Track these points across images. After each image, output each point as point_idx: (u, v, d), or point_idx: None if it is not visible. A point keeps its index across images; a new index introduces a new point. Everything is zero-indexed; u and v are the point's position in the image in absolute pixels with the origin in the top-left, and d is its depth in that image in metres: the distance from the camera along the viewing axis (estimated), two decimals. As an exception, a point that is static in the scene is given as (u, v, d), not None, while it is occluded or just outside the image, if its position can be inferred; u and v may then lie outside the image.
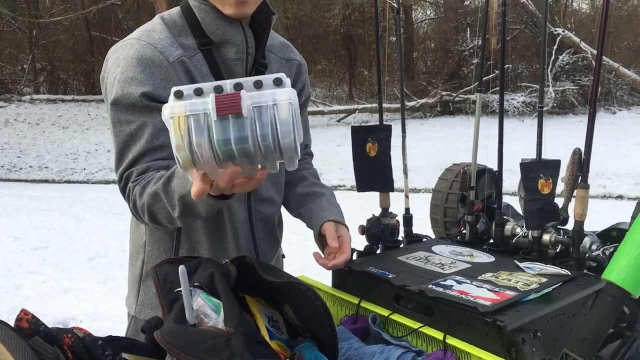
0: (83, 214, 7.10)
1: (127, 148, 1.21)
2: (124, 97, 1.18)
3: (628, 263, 1.01)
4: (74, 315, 3.88)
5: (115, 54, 1.23)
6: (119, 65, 1.20)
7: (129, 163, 1.21)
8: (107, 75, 1.23)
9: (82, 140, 12.95)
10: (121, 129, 1.20)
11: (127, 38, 1.25)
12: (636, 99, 13.27)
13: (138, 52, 1.20)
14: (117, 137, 1.21)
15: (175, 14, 1.30)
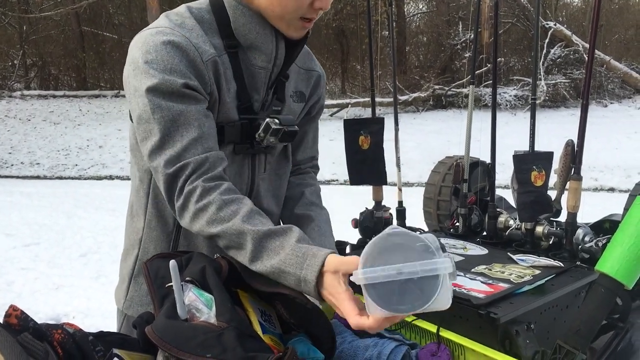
0: (75, 210, 7.06)
1: (174, 133, 1.12)
2: (164, 84, 1.10)
3: (621, 254, 1.01)
4: (66, 312, 3.87)
5: (143, 40, 1.14)
6: (152, 51, 1.11)
7: (180, 150, 1.11)
8: (133, 63, 1.14)
9: (74, 136, 12.88)
10: (162, 114, 1.11)
11: (158, 25, 1.16)
12: (627, 92, 13.32)
13: (174, 41, 1.12)
14: (158, 123, 1.11)
15: (203, 9, 1.23)
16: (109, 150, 11.91)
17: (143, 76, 1.11)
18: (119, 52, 18.54)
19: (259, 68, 1.25)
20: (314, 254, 0.98)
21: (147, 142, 1.13)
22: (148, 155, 1.14)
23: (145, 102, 1.11)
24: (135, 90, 1.13)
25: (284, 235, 1.04)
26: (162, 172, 1.11)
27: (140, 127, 1.14)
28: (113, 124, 13.64)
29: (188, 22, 1.18)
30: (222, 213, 1.07)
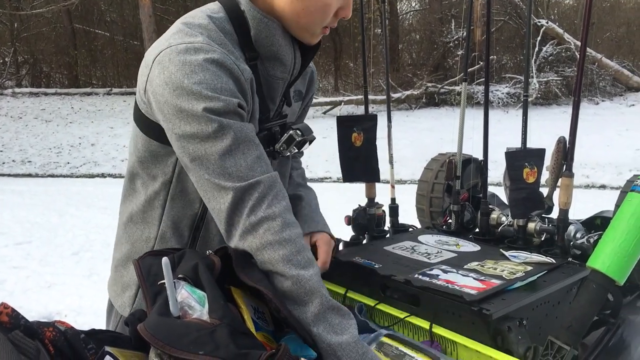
0: (67, 208, 7.03)
1: (236, 151, 1.07)
2: (221, 104, 1.06)
3: (612, 250, 1.01)
4: (59, 310, 3.85)
5: (181, 58, 1.07)
6: (198, 71, 1.06)
7: (246, 168, 1.07)
8: (178, 82, 1.06)
9: (66, 134, 12.82)
10: (223, 132, 1.06)
11: (191, 41, 1.09)
12: (619, 89, 13.39)
13: (217, 60, 1.08)
14: (220, 141, 1.06)
15: (223, 19, 1.18)
16: (101, 148, 11.86)
17: (194, 97, 1.05)
18: (111, 50, 18.48)
19: (278, 79, 1.24)
20: (372, 358, 1.00)
21: (204, 162, 1.07)
22: (208, 175, 1.08)
23: (202, 121, 1.06)
24: (180, 110, 1.06)
25: (346, 318, 1.04)
26: (227, 189, 1.06)
27: (192, 146, 1.08)
28: (105, 121, 13.58)
29: (215, 35, 1.14)
30: (300, 257, 1.05)
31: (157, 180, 1.24)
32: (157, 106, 1.11)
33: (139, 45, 17.02)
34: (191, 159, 1.09)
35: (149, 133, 1.20)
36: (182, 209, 1.24)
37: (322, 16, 1.18)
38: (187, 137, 1.08)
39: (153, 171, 1.24)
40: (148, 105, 1.15)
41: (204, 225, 1.27)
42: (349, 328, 1.02)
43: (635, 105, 12.50)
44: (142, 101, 1.18)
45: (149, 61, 1.14)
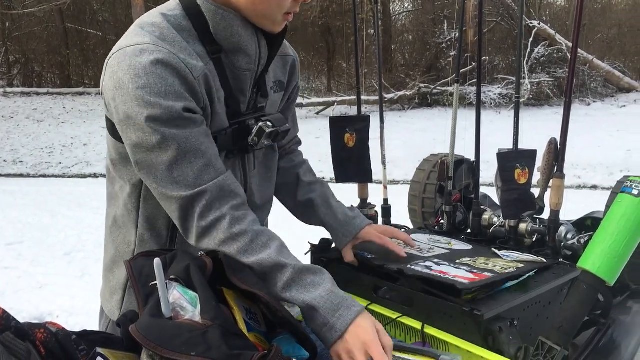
0: (59, 208, 7.00)
1: (182, 161, 1.09)
2: (163, 112, 1.05)
3: (602, 251, 1.02)
4: (50, 311, 3.83)
5: (128, 62, 1.06)
6: (142, 75, 1.05)
7: (193, 178, 1.09)
8: (121, 87, 1.07)
9: (58, 134, 12.76)
10: (167, 144, 1.07)
11: (139, 42, 1.08)
12: (610, 90, 13.46)
13: (162, 60, 1.06)
14: (164, 153, 1.07)
15: (179, 16, 1.16)
16: (93, 148, 11.81)
17: (137, 104, 1.05)
18: (104, 49, 18.37)
19: (244, 70, 1.22)
20: (348, 306, 1.05)
21: (152, 171, 1.10)
22: (154, 185, 1.11)
23: (145, 131, 1.06)
24: (127, 117, 1.07)
25: (318, 275, 1.09)
26: (175, 199, 1.09)
27: (139, 155, 1.10)
28: (97, 121, 13.52)
29: (167, 33, 1.12)
30: (254, 245, 1.09)
31: (128, 183, 1.23)
32: (110, 110, 1.13)
33: (131, 45, 16.89)
34: (139, 167, 1.12)
35: (115, 136, 1.19)
36: (156, 209, 1.22)
37: (279, 2, 1.15)
38: (134, 146, 1.10)
39: (124, 174, 1.23)
40: (107, 110, 1.16)
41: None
42: (322, 283, 1.07)
43: (626, 106, 12.57)
44: (104, 103, 1.18)
45: (105, 66, 1.13)
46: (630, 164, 8.56)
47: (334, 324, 1.03)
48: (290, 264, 1.08)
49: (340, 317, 1.03)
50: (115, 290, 1.32)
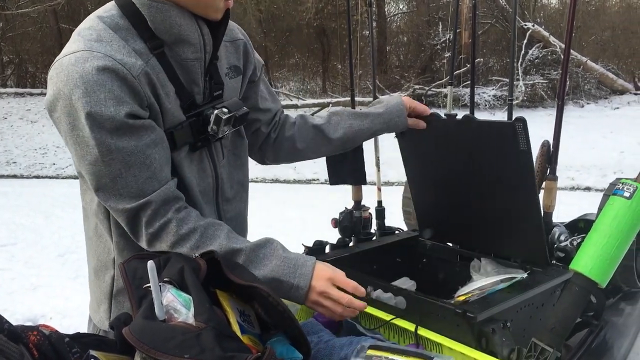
0: (53, 209, 6.97)
1: (127, 174, 1.09)
2: (106, 122, 1.05)
3: (594, 253, 1.02)
4: (44, 312, 3.82)
5: (65, 72, 1.05)
6: (80, 84, 1.04)
7: (136, 190, 1.11)
8: (61, 98, 1.06)
9: (52, 134, 12.70)
10: (111, 157, 1.07)
11: (74, 50, 1.07)
12: (603, 92, 13.51)
13: (98, 66, 1.04)
14: (108, 166, 1.08)
15: (115, 15, 1.14)
16: (87, 149, 11.77)
17: (79, 115, 1.05)
18: (98, 50, 18.32)
19: (191, 60, 1.19)
20: (302, 264, 1.15)
21: (97, 182, 1.10)
22: (101, 196, 1.12)
23: (89, 144, 1.07)
24: (72, 128, 1.07)
25: (268, 246, 1.17)
26: (121, 211, 1.12)
27: (84, 167, 1.10)
28: (91, 122, 13.48)
29: (104, 34, 1.10)
30: (204, 239, 1.14)
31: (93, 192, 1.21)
32: (53, 120, 1.12)
33: (126, 45, 16.88)
34: (88, 178, 1.12)
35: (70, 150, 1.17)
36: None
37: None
38: (79, 158, 1.10)
39: (85, 182, 1.21)
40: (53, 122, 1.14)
41: None
42: (274, 252, 1.16)
43: (619, 108, 12.63)
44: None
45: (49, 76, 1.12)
46: (623, 165, 8.60)
47: (297, 284, 1.14)
48: (242, 247, 1.15)
49: (301, 275, 1.14)
50: (102, 300, 1.31)
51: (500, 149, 1.37)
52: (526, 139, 1.31)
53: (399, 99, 1.51)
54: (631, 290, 1.55)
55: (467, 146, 1.47)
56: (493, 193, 1.46)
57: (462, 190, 1.56)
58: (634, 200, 1.02)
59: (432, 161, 1.62)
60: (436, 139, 1.55)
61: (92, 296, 1.36)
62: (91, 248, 1.32)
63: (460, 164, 1.52)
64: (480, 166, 1.46)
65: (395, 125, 1.51)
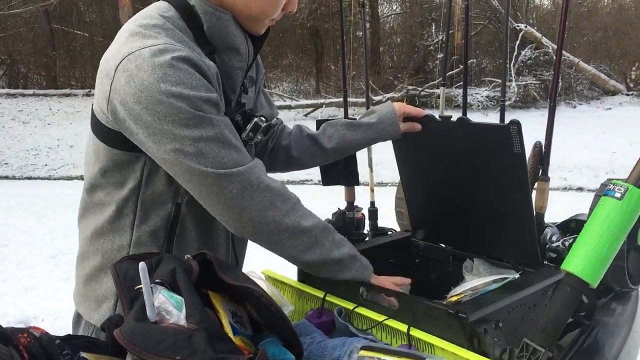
0: (45, 210, 6.94)
1: (229, 139, 1.15)
2: (203, 100, 1.09)
3: (586, 254, 1.03)
4: (36, 314, 3.80)
5: (151, 63, 1.07)
6: (169, 73, 1.06)
7: (241, 154, 1.16)
8: (151, 87, 1.06)
9: (44, 135, 12.64)
10: (214, 126, 1.12)
11: (152, 44, 1.09)
12: (596, 93, 13.57)
13: (185, 57, 1.09)
14: (213, 139, 1.11)
15: (174, 17, 1.17)
16: (80, 150, 11.71)
17: (175, 99, 1.06)
18: (91, 51, 18.26)
19: (236, 69, 1.25)
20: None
21: (202, 159, 1.11)
22: (212, 167, 1.11)
23: (190, 120, 1.08)
24: (166, 116, 1.07)
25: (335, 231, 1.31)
26: (235, 173, 1.13)
27: (185, 147, 1.10)
28: (84, 123, 13.40)
29: (172, 34, 1.14)
30: (307, 211, 1.25)
31: (124, 188, 1.23)
32: (129, 115, 1.10)
33: (118, 46, 16.80)
34: (186, 158, 1.10)
35: (112, 143, 1.19)
36: (154, 211, 1.24)
37: (273, 8, 1.22)
38: (180, 139, 1.09)
39: (118, 179, 1.23)
40: (112, 116, 1.14)
41: (178, 223, 1.26)
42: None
43: (611, 108, 12.69)
44: (103, 113, 1.16)
45: (109, 70, 1.12)
46: (615, 166, 8.64)
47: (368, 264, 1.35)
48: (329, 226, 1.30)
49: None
50: (105, 297, 1.30)
51: (493, 151, 1.37)
52: (520, 142, 1.31)
53: (390, 107, 1.52)
54: (622, 290, 1.56)
55: (461, 148, 1.47)
56: (486, 194, 1.46)
57: (455, 191, 1.57)
58: (625, 201, 1.02)
59: (426, 162, 1.63)
60: (430, 141, 1.55)
61: (88, 296, 1.34)
62: (91, 247, 1.31)
63: (454, 165, 1.52)
64: (474, 167, 1.46)
65: (388, 134, 1.52)
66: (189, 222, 1.28)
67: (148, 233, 1.25)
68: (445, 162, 1.55)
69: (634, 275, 1.52)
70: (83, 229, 1.34)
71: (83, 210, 1.34)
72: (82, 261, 1.35)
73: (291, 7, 1.27)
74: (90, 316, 1.34)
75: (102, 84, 1.14)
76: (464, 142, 1.46)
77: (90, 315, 1.34)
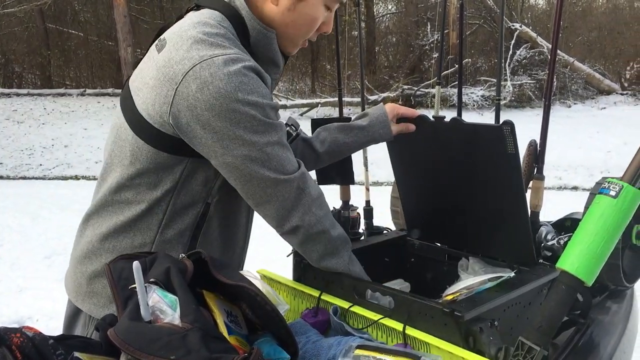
0: (39, 211, 6.92)
1: (288, 148, 1.23)
2: (272, 109, 1.19)
3: (581, 252, 1.03)
4: (30, 314, 3.79)
5: (224, 70, 1.11)
6: (245, 82, 1.13)
7: (295, 162, 1.24)
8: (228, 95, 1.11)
9: (38, 135, 12.60)
10: (278, 134, 1.20)
11: (224, 53, 1.14)
12: (590, 92, 13.62)
13: (254, 67, 1.17)
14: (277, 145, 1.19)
15: (230, 27, 1.23)
16: (74, 149, 11.69)
17: (250, 107, 1.13)
18: (85, 50, 18.23)
19: (272, 79, 1.31)
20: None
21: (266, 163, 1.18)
22: (271, 171, 1.18)
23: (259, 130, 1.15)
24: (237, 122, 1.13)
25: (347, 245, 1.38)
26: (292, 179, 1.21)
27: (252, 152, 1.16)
28: (79, 122, 13.38)
29: (234, 44, 1.20)
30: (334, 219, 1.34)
31: (158, 189, 1.25)
32: (197, 120, 1.13)
33: (113, 45, 16.80)
34: (253, 162, 1.16)
35: (159, 146, 1.21)
36: (184, 210, 1.27)
37: (308, 29, 1.28)
38: (249, 144, 1.15)
39: (154, 180, 1.24)
40: (173, 120, 1.16)
41: (205, 223, 1.30)
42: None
43: (606, 108, 12.74)
44: (160, 116, 1.17)
45: (173, 75, 1.14)
46: (610, 165, 8.67)
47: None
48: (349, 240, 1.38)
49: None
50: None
51: (488, 150, 1.37)
52: (514, 142, 1.31)
53: (382, 110, 1.53)
54: (617, 289, 1.56)
55: (455, 148, 1.47)
56: (481, 194, 1.46)
57: (450, 191, 1.56)
58: (620, 199, 1.02)
59: (420, 162, 1.62)
60: (424, 141, 1.55)
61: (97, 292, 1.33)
62: (104, 245, 1.31)
63: (448, 164, 1.52)
64: (468, 167, 1.46)
65: (379, 136, 1.53)
66: (214, 221, 1.32)
67: (175, 231, 1.28)
68: (440, 161, 1.55)
69: (629, 274, 1.52)
70: (93, 226, 1.34)
71: (98, 208, 1.33)
72: (88, 259, 1.34)
73: (326, 28, 1.33)
74: (100, 312, 1.32)
75: (162, 88, 1.16)
76: (457, 142, 1.46)
77: (100, 312, 1.32)
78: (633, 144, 9.04)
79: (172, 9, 18.79)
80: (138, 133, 1.22)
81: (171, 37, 1.21)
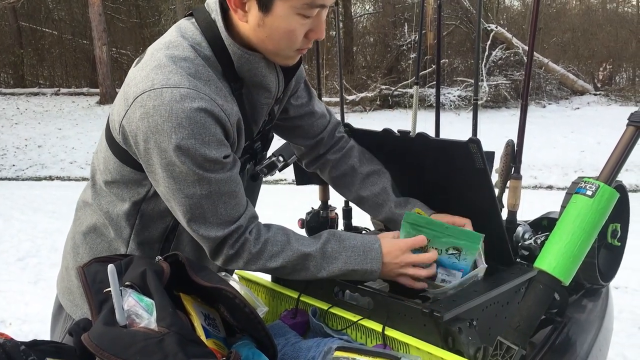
0: (12, 212, 6.78)
1: (218, 202, 1.13)
2: (205, 160, 1.08)
3: (558, 251, 1.04)
4: (3, 318, 3.71)
5: (168, 108, 1.05)
6: (185, 125, 1.05)
7: (226, 217, 1.15)
8: (158, 133, 1.06)
9: (11, 135, 12.39)
10: (206, 188, 1.11)
11: (176, 85, 1.07)
12: (564, 93, 13.81)
13: (204, 108, 1.06)
14: (202, 198, 1.11)
15: (205, 47, 1.15)
16: (48, 150, 11.51)
17: (180, 153, 1.06)
18: (59, 49, 17.97)
19: (262, 104, 1.24)
20: (370, 248, 1.21)
21: (191, 214, 1.13)
22: (193, 226, 1.14)
23: (189, 180, 1.09)
24: (169, 164, 1.08)
25: (333, 240, 1.22)
26: (212, 238, 1.15)
27: (179, 199, 1.12)
28: (53, 122, 13.19)
29: (202, 70, 1.12)
30: (276, 248, 1.19)
31: (126, 202, 1.22)
32: (138, 150, 1.11)
33: (88, 44, 16.60)
34: (180, 209, 1.13)
35: (123, 160, 1.18)
36: (152, 224, 1.24)
37: (288, 42, 1.16)
38: (173, 190, 1.11)
39: (123, 192, 1.22)
40: (124, 140, 1.14)
41: (175, 237, 1.27)
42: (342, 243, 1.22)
43: (580, 108, 12.93)
44: (117, 132, 1.15)
45: (128, 96, 1.11)
46: (584, 164, 8.81)
47: (371, 269, 1.21)
48: (311, 251, 1.19)
49: (372, 260, 1.21)
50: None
51: (455, 166, 1.35)
52: (481, 158, 1.29)
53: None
54: (593, 287, 1.58)
55: (423, 162, 1.44)
56: (454, 203, 1.44)
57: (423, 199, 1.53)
58: (596, 199, 1.03)
59: (392, 173, 1.58)
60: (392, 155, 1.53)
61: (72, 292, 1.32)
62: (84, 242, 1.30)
63: (419, 176, 1.49)
64: (439, 179, 1.44)
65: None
66: (185, 237, 1.28)
67: (142, 244, 1.25)
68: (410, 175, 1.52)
69: (605, 272, 1.54)
70: (77, 220, 1.34)
71: (82, 203, 1.33)
72: (72, 255, 1.33)
73: (315, 35, 1.19)
74: (74, 311, 1.32)
75: (119, 106, 1.14)
76: (424, 156, 1.42)
77: (74, 311, 1.32)
78: (606, 143, 9.21)
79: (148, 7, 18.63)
80: (109, 144, 1.21)
81: (148, 51, 1.18)
